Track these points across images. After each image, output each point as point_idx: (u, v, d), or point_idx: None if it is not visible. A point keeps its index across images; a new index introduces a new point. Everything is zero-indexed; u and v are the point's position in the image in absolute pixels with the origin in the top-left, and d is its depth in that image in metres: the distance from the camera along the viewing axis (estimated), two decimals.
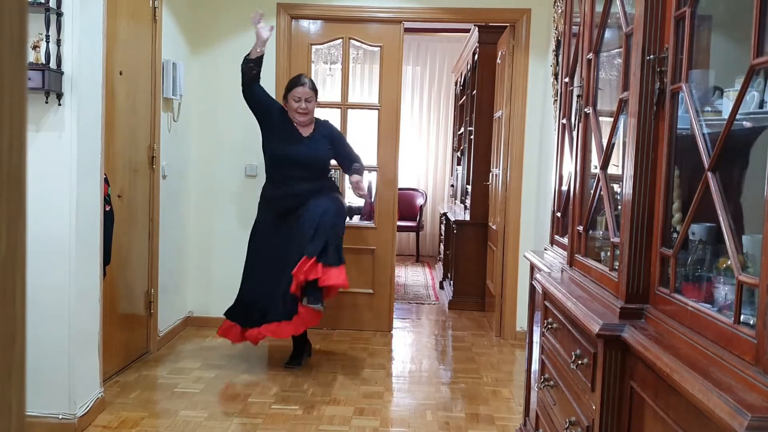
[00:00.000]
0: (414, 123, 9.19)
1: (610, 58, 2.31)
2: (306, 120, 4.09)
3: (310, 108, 4.07)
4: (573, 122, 2.51)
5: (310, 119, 4.12)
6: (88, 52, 3.19)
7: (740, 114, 1.40)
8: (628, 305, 1.78)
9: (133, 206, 4.06)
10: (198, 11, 4.92)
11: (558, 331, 2.32)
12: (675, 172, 1.72)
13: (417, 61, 9.16)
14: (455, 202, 7.61)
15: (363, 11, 4.97)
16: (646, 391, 1.59)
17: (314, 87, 4.13)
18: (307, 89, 4.05)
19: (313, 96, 4.09)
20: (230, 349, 4.44)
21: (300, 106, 4.03)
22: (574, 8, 2.67)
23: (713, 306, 1.47)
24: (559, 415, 2.26)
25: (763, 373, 1.18)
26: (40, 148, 3.02)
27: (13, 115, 0.49)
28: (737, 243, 1.36)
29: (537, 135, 4.93)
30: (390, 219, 5.19)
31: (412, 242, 9.09)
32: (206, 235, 5.07)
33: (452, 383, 4.09)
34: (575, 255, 2.36)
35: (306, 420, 3.40)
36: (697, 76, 1.64)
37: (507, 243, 5.09)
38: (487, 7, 4.93)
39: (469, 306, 5.98)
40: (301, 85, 4.05)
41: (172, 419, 3.35)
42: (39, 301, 2.99)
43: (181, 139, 4.79)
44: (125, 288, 4.00)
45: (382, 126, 5.14)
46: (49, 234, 3.03)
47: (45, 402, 3.07)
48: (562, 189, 2.73)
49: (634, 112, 1.79)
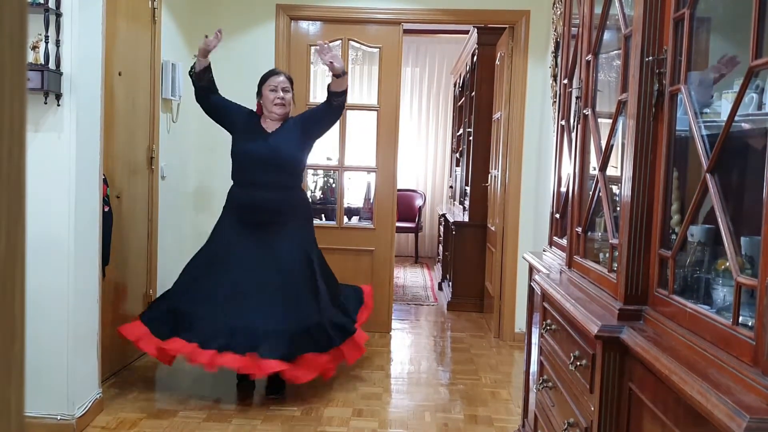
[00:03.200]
0: (413, 124, 9.19)
1: (609, 59, 2.31)
2: (283, 113, 3.74)
3: (287, 99, 3.74)
4: (572, 124, 2.51)
5: (286, 113, 3.77)
6: (88, 53, 3.19)
7: (739, 115, 1.40)
8: (627, 307, 1.78)
9: (132, 207, 4.06)
10: (197, 12, 4.92)
11: (557, 333, 2.32)
12: (674, 173, 1.72)
13: (416, 63, 9.17)
14: (454, 203, 7.61)
15: (362, 12, 4.97)
16: (645, 393, 1.59)
17: (290, 79, 3.83)
18: (283, 78, 3.76)
19: (290, 86, 3.78)
20: None
21: (277, 96, 3.70)
22: (573, 10, 2.68)
23: (712, 307, 1.47)
24: (558, 417, 2.26)
25: (762, 374, 1.18)
26: (39, 149, 3.02)
27: (13, 116, 0.49)
28: (736, 245, 1.36)
29: (536, 136, 4.93)
30: (389, 220, 5.19)
31: (411, 243, 9.09)
32: (205, 236, 5.01)
33: (451, 384, 4.09)
34: (574, 256, 2.36)
35: (304, 421, 3.40)
36: (696, 77, 1.64)
37: (506, 244, 5.09)
38: (486, 8, 4.94)
39: (468, 307, 5.99)
40: (276, 74, 3.78)
41: (170, 420, 3.35)
42: (38, 302, 2.99)
43: (180, 140, 4.79)
44: (124, 289, 4.00)
45: (381, 127, 5.14)
46: (48, 234, 3.03)
47: (43, 403, 3.07)
48: (560, 190, 2.73)
49: (633, 113, 1.79)
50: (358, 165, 6.25)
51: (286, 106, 3.76)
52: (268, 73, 3.82)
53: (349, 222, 5.46)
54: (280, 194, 3.68)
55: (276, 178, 3.67)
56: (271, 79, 3.75)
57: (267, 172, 3.66)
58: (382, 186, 5.21)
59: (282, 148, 3.67)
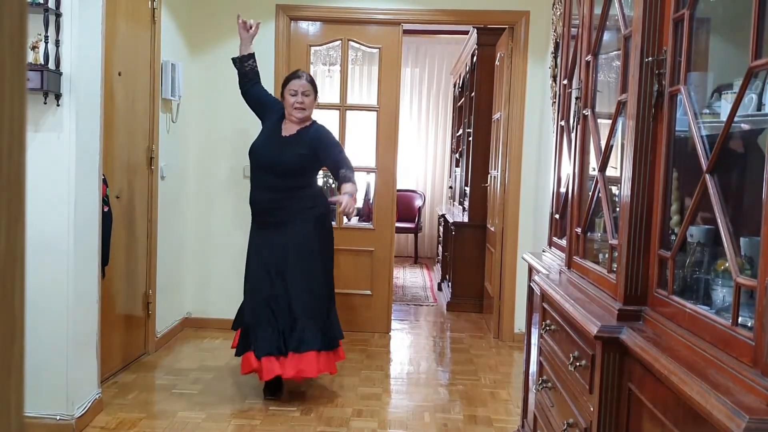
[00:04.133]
0: (413, 124, 9.19)
1: (608, 60, 2.31)
2: (302, 117, 3.70)
3: (307, 103, 3.69)
4: (571, 124, 2.51)
5: (306, 116, 3.73)
6: (87, 53, 3.19)
7: (738, 116, 1.40)
8: (626, 307, 1.78)
9: (132, 207, 4.06)
10: (197, 12, 4.92)
11: (556, 333, 2.32)
12: (673, 174, 1.72)
13: (416, 63, 9.17)
14: (454, 203, 7.61)
15: (362, 13, 4.97)
16: (644, 393, 1.59)
17: (312, 81, 3.78)
18: (304, 82, 3.71)
19: (311, 90, 3.73)
20: (228, 351, 4.43)
21: (296, 101, 3.66)
22: (573, 10, 2.68)
23: (711, 308, 1.47)
24: (557, 417, 2.26)
25: (761, 375, 1.18)
26: (38, 149, 3.02)
27: (13, 116, 0.49)
28: (735, 245, 1.36)
29: (535, 137, 4.93)
30: (388, 220, 5.19)
31: (411, 244, 9.09)
32: (205, 237, 5.06)
33: (450, 385, 4.09)
34: (573, 257, 2.36)
35: (304, 421, 3.40)
36: (695, 78, 1.64)
37: (505, 245, 5.09)
38: (486, 9, 4.94)
39: (468, 307, 5.99)
40: (297, 77, 3.74)
41: (170, 420, 3.35)
42: (37, 302, 2.99)
43: (180, 140, 4.79)
44: (123, 289, 3.99)
45: (381, 127, 5.14)
46: (47, 234, 3.03)
47: (43, 403, 3.06)
48: (560, 191, 2.73)
49: (633, 114, 1.79)
50: (358, 165, 6.17)
51: (306, 110, 3.72)
52: (290, 76, 3.79)
53: (348, 222, 5.46)
54: (284, 195, 3.65)
55: (277, 182, 3.64)
56: (292, 82, 3.72)
57: (271, 176, 3.65)
58: (382, 186, 5.21)
59: (285, 158, 3.64)
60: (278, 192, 3.64)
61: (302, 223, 3.66)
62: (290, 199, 3.65)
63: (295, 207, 3.65)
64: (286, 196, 3.64)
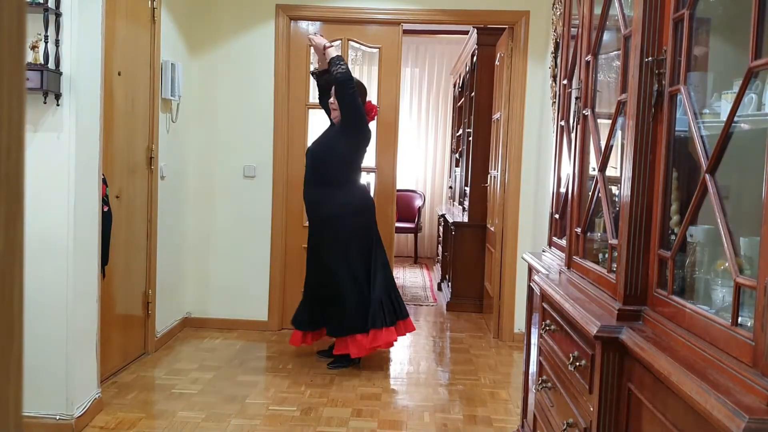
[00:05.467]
0: (412, 124, 9.19)
1: (608, 60, 2.31)
2: (335, 116, 4.13)
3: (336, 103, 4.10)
4: (571, 124, 2.51)
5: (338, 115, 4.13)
6: (87, 53, 3.19)
7: (738, 116, 1.40)
8: (626, 307, 1.78)
9: (132, 207, 4.06)
10: (197, 12, 4.92)
11: (556, 333, 2.32)
12: (673, 174, 1.72)
13: (416, 63, 9.17)
14: (453, 203, 7.61)
15: (362, 12, 4.97)
16: (644, 393, 1.59)
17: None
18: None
19: None
20: (228, 351, 4.44)
21: (331, 102, 4.13)
22: (573, 10, 2.68)
23: (711, 308, 1.47)
24: (557, 417, 2.26)
25: (761, 375, 1.18)
26: (38, 149, 3.02)
27: (12, 116, 0.49)
28: (735, 245, 1.36)
29: (535, 137, 4.93)
30: (388, 220, 5.18)
31: (411, 244, 9.09)
32: (204, 237, 5.06)
33: (450, 385, 4.09)
34: (573, 257, 2.36)
35: (304, 421, 3.40)
36: (695, 78, 1.64)
37: (505, 245, 5.09)
38: (486, 9, 4.94)
39: (467, 308, 5.99)
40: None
41: (169, 420, 3.35)
42: (37, 302, 2.99)
43: (180, 140, 4.79)
44: (123, 289, 3.99)
45: (381, 127, 5.14)
46: (47, 234, 3.03)
47: (42, 403, 3.06)
48: (560, 191, 2.73)
49: (633, 114, 1.79)
50: None
51: (336, 110, 4.09)
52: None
53: None
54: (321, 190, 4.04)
55: (314, 176, 4.06)
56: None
57: (310, 169, 4.08)
58: (382, 186, 5.21)
59: (316, 147, 4.08)
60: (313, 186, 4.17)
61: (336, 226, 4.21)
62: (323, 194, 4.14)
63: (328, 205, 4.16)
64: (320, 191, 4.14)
